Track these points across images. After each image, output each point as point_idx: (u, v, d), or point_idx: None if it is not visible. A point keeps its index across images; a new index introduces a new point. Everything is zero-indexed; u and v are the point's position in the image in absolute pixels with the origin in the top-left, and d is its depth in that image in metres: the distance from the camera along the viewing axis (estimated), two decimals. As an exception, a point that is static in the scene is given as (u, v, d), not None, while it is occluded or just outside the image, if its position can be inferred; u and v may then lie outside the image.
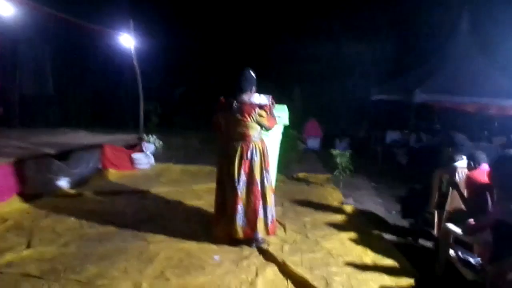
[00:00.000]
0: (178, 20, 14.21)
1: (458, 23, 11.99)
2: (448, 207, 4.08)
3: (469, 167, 3.85)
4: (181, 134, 12.16)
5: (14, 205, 5.06)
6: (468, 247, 3.37)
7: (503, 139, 9.17)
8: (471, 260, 3.12)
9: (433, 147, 10.65)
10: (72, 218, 4.70)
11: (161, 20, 12.82)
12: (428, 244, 4.50)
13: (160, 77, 13.76)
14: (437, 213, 4.26)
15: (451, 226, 3.53)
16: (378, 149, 11.44)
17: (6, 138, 7.40)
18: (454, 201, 4.03)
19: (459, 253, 3.23)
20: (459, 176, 4.07)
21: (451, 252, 3.45)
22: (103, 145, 7.27)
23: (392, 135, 11.62)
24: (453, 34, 12.16)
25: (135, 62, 8.51)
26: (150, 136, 8.62)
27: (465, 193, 3.81)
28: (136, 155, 7.94)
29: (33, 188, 5.48)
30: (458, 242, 3.49)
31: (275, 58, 15.35)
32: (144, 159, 7.99)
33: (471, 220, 3.19)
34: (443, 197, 4.15)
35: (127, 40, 8.29)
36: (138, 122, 9.00)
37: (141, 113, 9.00)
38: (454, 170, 4.08)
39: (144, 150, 8.28)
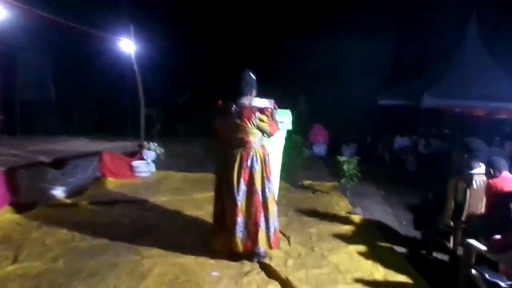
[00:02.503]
0: (180, 24, 14.03)
1: (467, 28, 11.75)
2: (464, 217, 3.79)
3: (489, 175, 3.56)
4: (184, 141, 11.97)
5: (5, 215, 4.82)
6: (493, 265, 3.04)
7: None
8: (501, 284, 2.75)
9: (443, 153, 10.41)
10: (64, 230, 4.45)
11: (162, 24, 12.67)
12: (443, 257, 4.19)
13: (162, 83, 13.56)
14: (453, 224, 3.96)
15: (473, 242, 3.20)
16: (386, 155, 11.18)
17: (2, 146, 7.19)
18: (471, 212, 3.75)
19: (485, 275, 2.86)
20: (476, 184, 3.77)
21: (473, 271, 3.10)
22: (102, 153, 7.05)
23: (400, 141, 11.32)
24: (461, 38, 11.94)
25: (135, 67, 8.32)
26: (151, 143, 8.38)
27: (484, 203, 3.52)
28: (136, 163, 7.70)
29: (26, 198, 5.25)
30: (480, 259, 3.16)
31: (281, 63, 15.14)
32: (145, 167, 7.74)
33: (498, 236, 2.87)
34: (459, 207, 3.86)
35: (127, 45, 8.10)
36: (139, 129, 8.79)
37: (142, 120, 8.78)
38: (471, 178, 3.78)
39: (145, 158, 8.04)
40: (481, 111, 10.88)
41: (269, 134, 3.68)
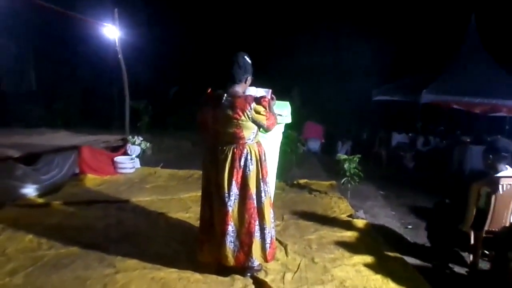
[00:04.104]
0: (169, 10, 13.39)
1: (467, 26, 11.51)
2: (487, 226, 3.32)
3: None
4: (173, 135, 11.43)
5: (-36, 217, 4.26)
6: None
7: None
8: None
9: (442, 150, 10.04)
10: (30, 236, 3.90)
11: (149, 9, 12.03)
12: (461, 270, 3.72)
13: (151, 73, 12.95)
14: (473, 234, 3.49)
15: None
16: (383, 152, 10.75)
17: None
18: (495, 220, 3.28)
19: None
20: (503, 189, 3.29)
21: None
22: (81, 147, 6.48)
23: (398, 138, 10.93)
24: (460, 34, 11.66)
25: (120, 56, 7.74)
26: (136, 137, 7.82)
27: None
28: (119, 159, 7.14)
29: (-9, 197, 4.69)
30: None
31: (273, 55, 14.60)
32: (129, 163, 7.18)
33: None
34: (481, 215, 3.38)
35: (111, 32, 7.52)
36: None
37: (127, 112, 8.22)
38: (497, 182, 3.29)
39: (129, 153, 7.49)
40: (480, 108, 10.57)
41: (266, 128, 3.13)
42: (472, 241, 3.52)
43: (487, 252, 3.67)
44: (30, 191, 5.22)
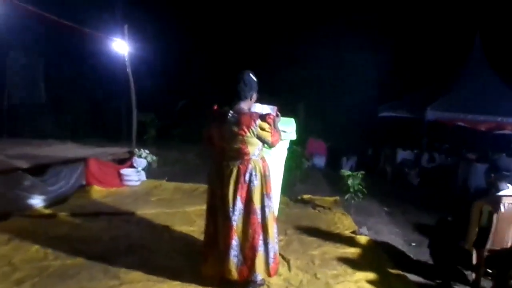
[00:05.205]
0: (177, 27, 13.63)
1: (472, 43, 11.63)
2: (489, 245, 3.33)
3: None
4: (179, 147, 11.50)
5: (-28, 226, 4.33)
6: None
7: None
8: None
9: (447, 168, 10.04)
10: (37, 246, 3.96)
11: (158, 25, 12.24)
12: (463, 288, 3.73)
13: (157, 87, 13.11)
14: (476, 252, 3.50)
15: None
16: (388, 169, 10.78)
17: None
18: (497, 239, 3.29)
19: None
20: (504, 208, 3.32)
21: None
22: (88, 159, 6.56)
23: (403, 154, 10.93)
24: (465, 52, 11.77)
25: (128, 70, 7.88)
26: (142, 150, 7.90)
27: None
28: (125, 171, 7.21)
29: (-1, 207, 4.76)
30: None
31: (279, 71, 14.73)
32: (134, 176, 7.24)
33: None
34: (483, 233, 3.40)
35: (121, 46, 7.67)
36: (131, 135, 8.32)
37: (134, 125, 8.32)
38: (498, 201, 3.32)
39: (135, 166, 7.56)
40: (486, 126, 10.60)
41: (270, 144, 3.20)
42: (474, 259, 3.54)
43: (489, 271, 3.67)
44: (37, 201, 5.29)
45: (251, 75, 3.19)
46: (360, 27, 14.71)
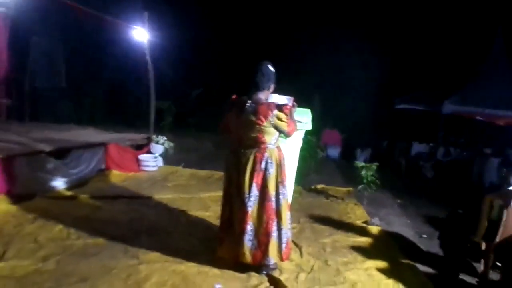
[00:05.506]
0: (197, 15, 13.70)
1: (493, 37, 11.48)
2: (499, 238, 3.39)
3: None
4: (195, 135, 11.67)
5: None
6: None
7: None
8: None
9: (462, 162, 9.99)
10: (60, 226, 4.14)
11: (177, 13, 12.33)
12: (471, 280, 3.79)
13: (176, 75, 13.26)
14: (485, 245, 3.56)
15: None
16: (402, 161, 10.78)
17: (6, 132, 6.91)
18: (507, 233, 3.35)
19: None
20: (516, 202, 3.37)
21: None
22: (107, 144, 6.75)
23: (418, 148, 10.93)
24: (486, 47, 11.62)
25: (148, 57, 8.01)
26: (159, 137, 8.07)
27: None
28: (143, 157, 7.39)
29: (24, 188, 4.96)
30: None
31: (296, 62, 14.71)
32: (152, 161, 7.43)
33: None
34: (493, 226, 3.46)
35: (141, 34, 7.80)
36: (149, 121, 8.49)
37: (152, 112, 8.48)
38: (510, 195, 3.37)
39: (153, 152, 7.74)
40: (503, 120, 10.48)
41: (287, 134, 3.31)
42: (483, 252, 3.60)
43: (499, 264, 3.73)
44: (59, 184, 5.49)
45: (269, 66, 3.29)
46: (381, 22, 14.58)
